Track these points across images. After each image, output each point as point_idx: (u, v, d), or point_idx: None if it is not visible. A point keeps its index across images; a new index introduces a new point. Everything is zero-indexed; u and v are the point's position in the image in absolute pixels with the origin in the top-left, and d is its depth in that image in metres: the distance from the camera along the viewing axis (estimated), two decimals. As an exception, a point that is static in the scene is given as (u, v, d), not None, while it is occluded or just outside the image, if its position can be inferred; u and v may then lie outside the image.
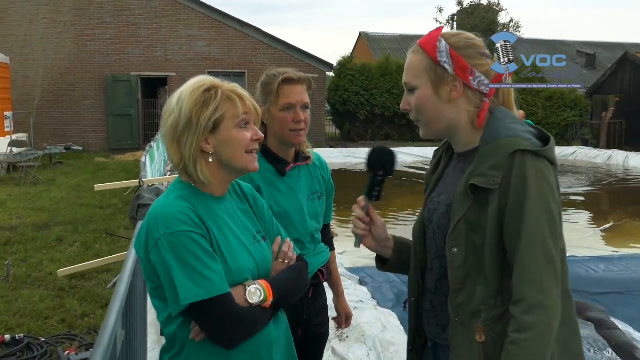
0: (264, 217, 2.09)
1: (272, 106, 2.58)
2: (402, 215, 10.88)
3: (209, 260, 1.73)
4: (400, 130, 25.63)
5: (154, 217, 1.77)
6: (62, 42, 21.61)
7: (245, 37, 22.87)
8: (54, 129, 21.15)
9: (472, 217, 1.70)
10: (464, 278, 1.72)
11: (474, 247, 1.70)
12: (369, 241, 2.02)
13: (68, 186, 13.41)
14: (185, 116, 1.81)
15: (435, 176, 1.99)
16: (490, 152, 1.70)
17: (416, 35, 27.05)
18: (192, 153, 1.82)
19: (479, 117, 1.79)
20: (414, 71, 1.83)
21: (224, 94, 1.85)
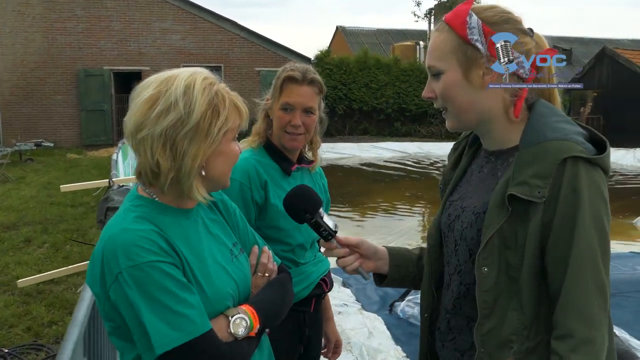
0: (237, 225, 1.81)
1: (275, 102, 2.39)
2: (380, 212, 10.65)
3: (185, 294, 1.44)
4: (379, 125, 25.44)
5: (111, 247, 1.45)
6: (32, 35, 21.04)
7: (221, 30, 22.49)
8: (23, 125, 20.60)
9: (508, 231, 1.44)
10: (493, 302, 1.47)
11: (507, 266, 1.45)
12: (368, 264, 1.80)
13: (38, 184, 12.97)
14: (195, 118, 1.49)
15: (457, 174, 1.72)
16: (534, 157, 1.44)
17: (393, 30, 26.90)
18: (194, 165, 1.51)
19: (516, 106, 1.52)
20: (440, 52, 1.55)
21: (230, 99, 1.57)
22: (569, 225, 1.38)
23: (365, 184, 13.67)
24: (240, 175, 2.28)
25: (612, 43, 29.59)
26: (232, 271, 1.63)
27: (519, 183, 1.42)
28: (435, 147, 20.30)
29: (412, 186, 13.34)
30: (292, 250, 2.41)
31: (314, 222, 1.73)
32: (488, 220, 1.47)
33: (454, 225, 1.62)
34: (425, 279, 1.75)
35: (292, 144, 2.40)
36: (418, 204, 11.58)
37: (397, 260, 1.83)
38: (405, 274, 1.83)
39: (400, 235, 8.66)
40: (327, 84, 18.35)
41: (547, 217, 1.39)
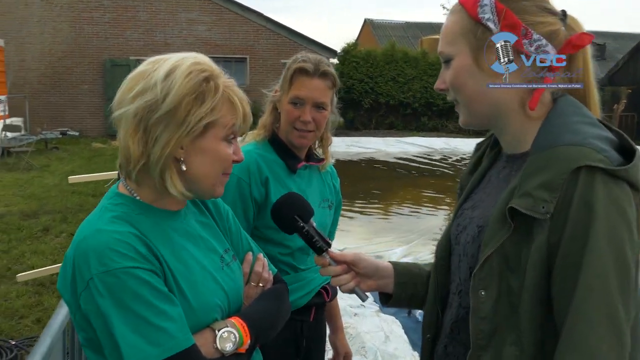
0: (230, 229, 1.64)
1: (284, 95, 2.18)
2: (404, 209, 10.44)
3: (164, 305, 1.27)
4: (405, 120, 25.12)
5: (83, 250, 1.29)
6: (59, 25, 21.08)
7: (247, 21, 22.35)
8: (50, 113, 20.69)
9: (511, 251, 1.21)
10: (490, 332, 1.24)
11: (508, 291, 1.22)
12: (368, 282, 1.59)
13: (62, 172, 12.97)
14: (170, 102, 1.33)
15: (474, 178, 1.49)
16: (543, 164, 1.20)
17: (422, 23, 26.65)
18: (164, 154, 1.34)
19: (533, 97, 1.28)
20: (450, 36, 1.35)
21: (225, 92, 1.39)
22: (578, 248, 1.13)
23: (389, 180, 13.45)
24: (239, 169, 2.07)
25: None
26: (221, 280, 1.47)
27: (522, 194, 1.20)
28: (462, 142, 19.98)
29: (437, 183, 13.08)
30: (291, 254, 2.21)
31: (305, 231, 1.55)
32: (487, 236, 1.26)
33: (461, 237, 1.41)
34: (430, 294, 1.54)
35: (300, 142, 2.21)
36: (443, 202, 11.34)
37: (403, 277, 1.62)
38: (413, 292, 1.62)
39: (423, 233, 8.45)
40: (353, 77, 18.17)
41: (555, 238, 1.16)
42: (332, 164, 2.47)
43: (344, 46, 24.93)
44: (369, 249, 7.45)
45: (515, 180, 1.25)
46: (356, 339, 4.35)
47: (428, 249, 7.55)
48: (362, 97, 24.44)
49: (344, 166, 15.79)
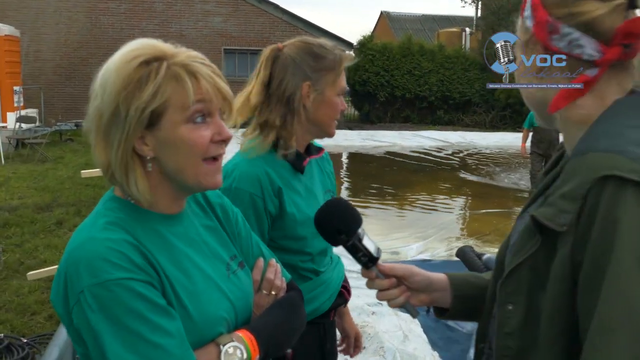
0: (239, 234, 1.52)
1: (329, 87, 2.00)
2: (420, 203, 10.30)
3: (161, 319, 1.16)
4: (421, 113, 24.92)
5: (74, 260, 1.18)
6: (75, 15, 21.08)
7: (263, 13, 22.23)
8: (65, 105, 20.71)
9: (541, 263, 1.08)
10: (517, 350, 1.12)
11: (538, 310, 1.08)
12: (420, 297, 1.47)
13: (76, 164, 12.93)
14: (109, 102, 1.22)
15: (545, 181, 1.33)
16: (574, 170, 1.07)
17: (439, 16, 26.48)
18: (119, 156, 1.22)
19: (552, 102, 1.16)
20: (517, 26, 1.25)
21: (170, 70, 1.23)
22: (599, 268, 0.97)
23: (405, 174, 13.30)
24: (250, 184, 1.93)
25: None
26: (227, 290, 1.35)
27: (548, 203, 1.09)
28: (478, 136, 19.80)
29: (453, 177, 12.92)
30: (312, 259, 2.08)
31: (350, 245, 1.40)
32: (517, 246, 1.14)
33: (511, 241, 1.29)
34: (487, 302, 1.40)
35: (334, 131, 2.10)
36: (459, 196, 11.19)
37: (461, 290, 1.48)
38: (472, 305, 1.47)
39: (440, 229, 8.31)
40: (369, 70, 18.08)
41: (579, 255, 1.01)
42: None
43: (360, 39, 24.76)
44: (386, 244, 7.32)
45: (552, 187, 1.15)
46: (374, 338, 4.24)
47: (445, 245, 7.43)
48: (377, 90, 24.27)
49: (359, 160, 15.67)
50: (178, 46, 1.31)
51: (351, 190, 11.50)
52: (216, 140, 1.28)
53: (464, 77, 24.70)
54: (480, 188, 11.76)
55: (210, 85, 1.25)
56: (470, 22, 30.75)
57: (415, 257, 6.85)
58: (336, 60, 2.02)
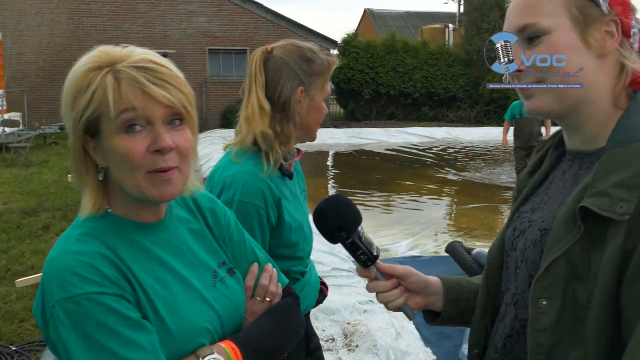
0: (231, 238, 1.46)
1: (319, 92, 1.99)
2: (407, 200, 10.32)
3: (133, 333, 1.13)
4: (406, 110, 24.99)
5: (48, 272, 1.16)
6: (57, 17, 20.92)
7: (247, 12, 22.17)
8: (49, 107, 20.49)
9: (579, 256, 1.07)
10: (550, 346, 1.10)
11: (574, 302, 1.07)
12: (415, 299, 1.44)
13: (61, 168, 12.83)
14: (64, 110, 1.22)
15: (534, 180, 1.34)
16: (621, 160, 1.06)
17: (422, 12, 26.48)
18: (73, 163, 1.24)
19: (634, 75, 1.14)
20: (544, 6, 1.15)
21: (104, 78, 1.18)
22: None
23: (392, 171, 13.32)
24: (255, 197, 1.89)
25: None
26: (212, 299, 1.31)
27: (597, 193, 1.06)
28: (463, 132, 19.87)
29: (439, 173, 12.96)
30: (301, 262, 2.10)
31: (349, 243, 1.36)
32: (553, 239, 1.11)
33: (518, 242, 1.27)
34: (478, 306, 1.39)
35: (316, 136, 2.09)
36: (446, 192, 11.23)
37: (454, 292, 1.47)
38: (464, 309, 1.46)
39: (428, 225, 8.33)
40: (353, 68, 18.11)
41: (631, 243, 1.01)
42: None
43: (344, 37, 24.79)
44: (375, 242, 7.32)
45: (588, 178, 1.12)
46: (367, 336, 4.23)
47: (434, 241, 7.45)
48: (362, 87, 24.31)
49: (346, 158, 15.68)
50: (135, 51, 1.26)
51: (338, 188, 11.51)
52: (152, 150, 1.19)
53: (448, 73, 24.80)
54: (466, 183, 11.81)
55: (138, 92, 1.18)
56: (453, 18, 30.85)
57: (405, 253, 6.86)
58: (324, 65, 2.01)
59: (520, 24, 1.18)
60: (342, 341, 4.21)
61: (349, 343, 4.21)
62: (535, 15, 1.15)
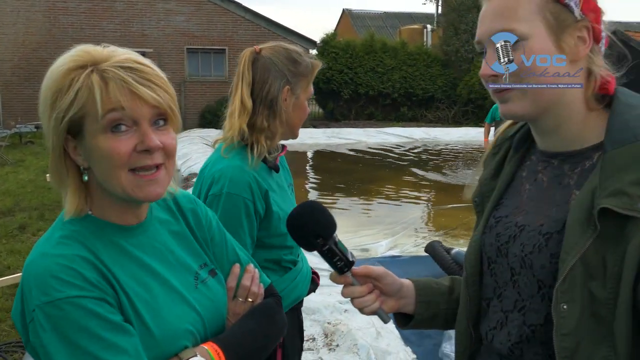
0: (212, 239, 1.47)
1: (303, 92, 2.11)
2: (386, 200, 10.36)
3: (115, 336, 1.13)
4: (385, 110, 25.07)
5: (27, 275, 1.16)
6: (33, 15, 20.64)
7: (226, 12, 22.08)
8: (25, 106, 20.25)
9: (593, 256, 1.10)
10: (575, 348, 1.12)
11: (592, 302, 1.10)
12: (389, 303, 1.45)
13: (37, 167, 12.69)
14: (42, 112, 1.22)
15: (500, 184, 1.36)
16: (631, 159, 1.10)
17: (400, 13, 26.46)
18: (52, 164, 1.22)
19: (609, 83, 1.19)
20: (519, 13, 1.17)
21: (89, 78, 1.18)
22: None
23: (371, 171, 13.35)
24: (242, 189, 1.98)
25: (621, 26, 29.06)
26: (194, 301, 1.32)
27: (613, 193, 1.09)
28: (442, 132, 19.98)
29: (418, 173, 13.02)
30: (291, 251, 2.19)
31: (326, 249, 1.34)
32: (568, 243, 1.13)
33: (509, 248, 1.27)
34: (461, 315, 1.41)
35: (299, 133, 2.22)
36: (425, 192, 11.28)
37: (425, 295, 1.48)
38: (435, 311, 1.48)
39: (407, 225, 8.36)
40: (333, 68, 18.06)
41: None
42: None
43: (322, 37, 24.80)
44: (355, 241, 7.34)
45: (592, 178, 1.14)
46: (347, 336, 4.25)
47: (413, 241, 7.48)
48: (341, 87, 24.34)
49: (325, 158, 15.68)
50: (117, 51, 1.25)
51: (317, 188, 11.51)
52: (139, 150, 1.20)
53: (427, 74, 24.92)
54: (445, 183, 11.87)
55: (125, 92, 1.18)
56: (432, 19, 31.01)
57: (385, 253, 6.88)
58: (309, 67, 2.12)
59: (497, 29, 1.20)
60: (323, 341, 4.22)
61: (329, 342, 4.22)
62: (512, 21, 1.18)
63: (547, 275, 1.18)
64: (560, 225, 1.17)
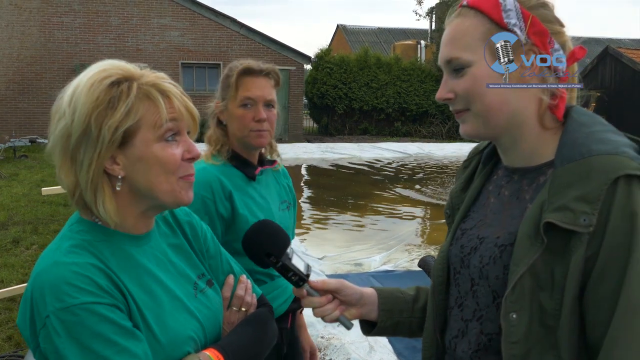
0: (208, 251, 1.53)
1: (231, 102, 2.15)
2: (381, 215, 10.38)
3: (127, 342, 1.18)
4: (379, 125, 25.18)
5: (40, 285, 1.19)
6: (28, 29, 20.70)
7: (221, 27, 22.20)
8: (18, 120, 20.31)
9: (542, 268, 1.15)
10: (523, 356, 1.17)
11: (540, 312, 1.15)
12: (351, 311, 1.49)
13: (31, 181, 12.68)
14: (80, 123, 1.23)
15: (468, 197, 1.43)
16: (576, 175, 1.15)
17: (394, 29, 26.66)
18: (90, 177, 1.24)
19: (557, 107, 1.24)
20: (465, 41, 1.26)
21: (141, 89, 1.25)
22: (619, 259, 1.08)
23: (365, 185, 13.39)
24: (203, 187, 2.05)
25: (613, 43, 29.34)
26: (195, 309, 1.37)
27: (558, 208, 1.14)
28: (436, 147, 20.07)
29: (412, 187, 13.06)
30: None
31: (279, 266, 1.41)
32: (517, 255, 1.18)
33: (470, 259, 1.33)
34: (428, 324, 1.46)
35: (259, 141, 2.18)
36: (419, 206, 11.32)
37: (388, 304, 1.53)
38: (398, 319, 1.54)
39: (401, 239, 8.39)
40: (327, 83, 18.08)
41: (592, 250, 1.11)
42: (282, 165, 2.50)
43: (317, 52, 24.92)
44: (348, 256, 7.37)
45: (542, 193, 1.19)
46: (341, 350, 4.26)
47: (406, 256, 7.50)
48: (335, 102, 24.45)
49: (319, 172, 15.72)
50: (143, 68, 1.33)
51: (311, 202, 11.53)
52: (186, 158, 1.30)
53: (420, 89, 25.06)
54: (439, 198, 11.91)
55: (182, 104, 1.29)
56: (425, 34, 31.21)
57: (378, 268, 6.90)
58: (231, 74, 2.17)
59: (447, 56, 1.28)
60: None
61: (322, 357, 4.23)
62: (459, 49, 1.26)
63: (500, 285, 1.23)
64: (514, 238, 1.22)
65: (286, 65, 22.01)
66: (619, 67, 22.58)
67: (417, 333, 1.54)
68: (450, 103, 1.31)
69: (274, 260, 1.41)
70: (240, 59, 2.23)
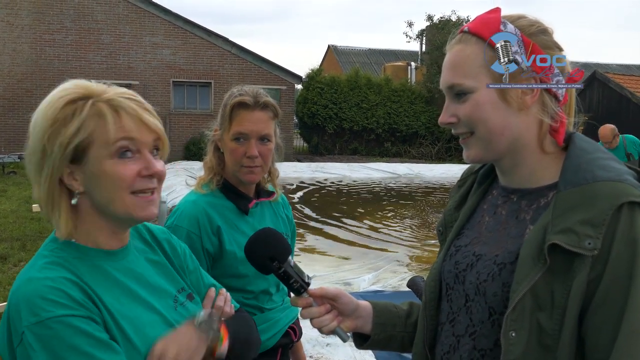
0: (187, 267, 1.56)
1: (225, 133, 2.10)
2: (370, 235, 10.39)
3: (103, 353, 1.18)
4: (369, 145, 25.29)
5: (15, 300, 1.21)
6: (20, 46, 20.71)
7: (212, 46, 22.30)
8: (8, 136, 20.21)
9: (542, 288, 1.18)
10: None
11: (539, 331, 1.18)
12: (346, 322, 1.51)
13: (19, 198, 12.61)
14: (37, 141, 1.27)
15: (462, 215, 1.46)
16: (581, 200, 1.19)
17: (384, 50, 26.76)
18: (44, 191, 1.27)
19: (558, 132, 1.28)
20: (467, 68, 1.29)
21: (94, 107, 1.27)
22: (622, 285, 1.12)
23: (354, 205, 13.41)
24: (188, 222, 2.04)
25: (600, 67, 29.65)
26: (174, 321, 1.38)
27: (563, 230, 1.17)
28: (425, 168, 20.14)
29: (402, 208, 13.10)
30: (255, 297, 2.14)
31: (282, 272, 1.43)
32: (520, 274, 1.21)
33: (466, 276, 1.35)
34: (418, 338, 1.48)
35: (250, 178, 2.13)
36: (408, 227, 11.33)
37: (382, 317, 1.55)
38: (391, 334, 1.56)
39: (391, 260, 8.39)
40: (317, 103, 18.06)
41: (595, 272, 1.15)
42: (282, 193, 2.41)
43: (308, 72, 25.05)
44: (338, 276, 7.36)
45: (546, 215, 1.22)
46: (329, 371, 4.25)
47: (396, 276, 7.49)
48: (326, 122, 24.55)
49: (309, 191, 15.72)
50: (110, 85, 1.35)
51: (301, 221, 11.53)
52: (144, 174, 1.30)
53: (410, 110, 25.21)
54: (428, 218, 11.94)
55: (135, 120, 1.29)
56: (416, 56, 31.49)
57: (367, 288, 6.89)
58: (227, 104, 2.13)
59: (449, 82, 1.31)
60: (305, 375, 4.21)
61: (311, 377, 4.21)
62: (460, 76, 1.29)
63: (498, 302, 1.26)
64: (514, 257, 1.25)
65: (277, 85, 22.11)
66: (607, 91, 22.82)
67: (408, 348, 1.55)
68: (452, 127, 1.35)
69: (277, 265, 1.42)
70: (243, 86, 2.17)
